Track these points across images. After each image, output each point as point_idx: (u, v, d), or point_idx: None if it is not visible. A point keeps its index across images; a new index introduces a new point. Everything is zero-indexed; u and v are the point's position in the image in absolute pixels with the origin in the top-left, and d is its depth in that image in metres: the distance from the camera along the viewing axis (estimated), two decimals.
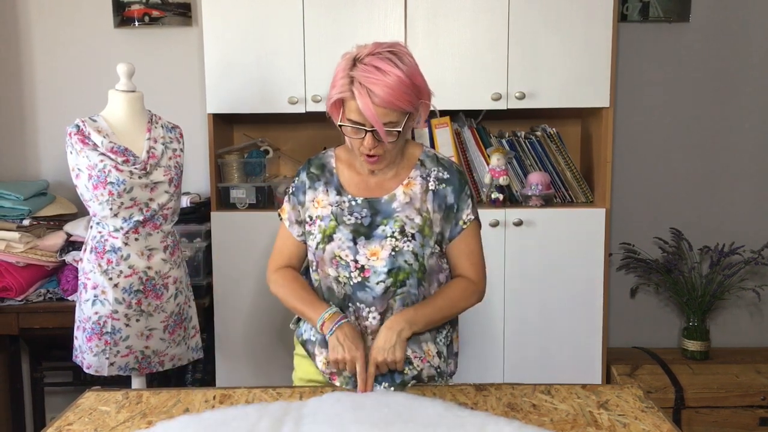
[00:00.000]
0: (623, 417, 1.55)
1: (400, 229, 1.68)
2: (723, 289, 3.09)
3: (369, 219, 1.70)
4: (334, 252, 1.70)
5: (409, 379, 1.72)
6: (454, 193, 1.75)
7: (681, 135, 3.21)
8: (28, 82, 3.16)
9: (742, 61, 3.16)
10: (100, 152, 2.26)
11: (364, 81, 1.57)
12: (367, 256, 1.68)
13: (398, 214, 1.70)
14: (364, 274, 1.69)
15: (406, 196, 1.72)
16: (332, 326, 1.67)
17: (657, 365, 2.99)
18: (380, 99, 1.57)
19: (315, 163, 1.81)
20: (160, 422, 1.53)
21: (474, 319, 2.82)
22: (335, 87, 1.62)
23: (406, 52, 1.65)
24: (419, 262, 1.69)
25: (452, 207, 1.74)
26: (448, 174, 1.76)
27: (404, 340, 1.65)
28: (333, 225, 1.71)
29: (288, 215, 1.81)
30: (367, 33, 2.73)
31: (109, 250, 2.30)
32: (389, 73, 1.57)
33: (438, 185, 1.74)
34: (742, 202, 3.24)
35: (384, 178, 1.75)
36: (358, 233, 1.69)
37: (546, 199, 2.85)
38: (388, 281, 1.68)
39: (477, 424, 1.46)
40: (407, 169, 1.76)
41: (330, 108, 1.67)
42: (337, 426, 1.46)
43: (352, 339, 1.65)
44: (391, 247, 1.68)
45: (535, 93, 2.76)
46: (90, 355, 2.33)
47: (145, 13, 3.07)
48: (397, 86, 1.57)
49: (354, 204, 1.72)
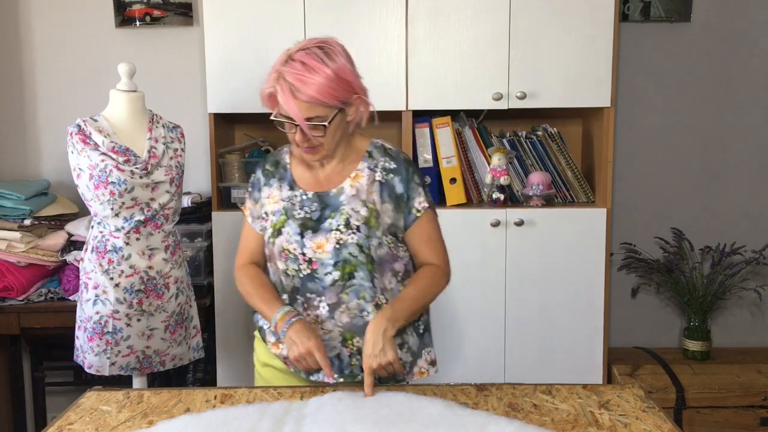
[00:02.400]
0: (624, 417, 1.55)
1: (345, 222, 1.71)
2: (724, 289, 3.08)
3: (318, 213, 1.74)
4: (283, 246, 1.74)
5: (359, 371, 1.73)
6: (403, 183, 1.77)
7: (682, 135, 3.21)
8: (29, 82, 3.16)
9: (744, 60, 3.16)
10: (102, 152, 2.26)
11: (288, 77, 1.61)
12: (313, 249, 1.72)
13: (344, 206, 1.73)
14: (312, 267, 1.72)
15: (353, 189, 1.75)
16: (284, 327, 1.70)
17: (658, 365, 2.99)
18: (303, 94, 1.60)
19: (270, 159, 1.86)
20: (161, 422, 1.53)
21: (475, 319, 2.82)
22: (267, 81, 1.67)
23: (337, 49, 1.67)
24: (365, 254, 1.71)
25: (402, 196, 1.76)
26: (395, 164, 1.78)
27: (390, 339, 1.65)
28: (283, 219, 1.75)
29: (250, 211, 1.86)
30: (368, 33, 2.73)
31: (111, 250, 2.30)
32: (314, 69, 1.60)
33: (385, 176, 1.76)
34: (744, 202, 3.23)
35: (333, 172, 1.78)
36: (305, 227, 1.73)
37: (547, 199, 2.85)
38: (335, 273, 1.71)
39: (478, 424, 1.46)
40: (355, 162, 1.78)
41: (265, 101, 1.70)
42: (338, 426, 1.46)
43: (303, 332, 1.67)
44: (335, 240, 1.71)
45: (537, 93, 2.76)
46: (91, 354, 2.33)
47: (146, 13, 3.07)
48: (320, 81, 1.60)
49: (305, 198, 1.76)
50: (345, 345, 1.75)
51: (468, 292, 2.81)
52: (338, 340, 1.75)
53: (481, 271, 2.80)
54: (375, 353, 1.63)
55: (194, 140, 3.06)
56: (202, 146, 3.12)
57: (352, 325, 1.73)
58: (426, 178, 2.85)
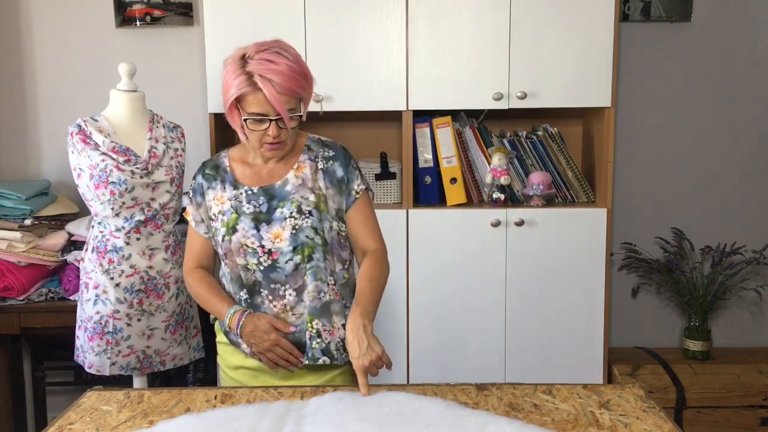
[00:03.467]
0: (624, 417, 1.55)
1: (297, 209, 1.78)
2: (724, 289, 3.08)
3: (266, 205, 1.80)
4: (240, 241, 1.79)
5: (319, 354, 1.78)
6: (342, 167, 1.85)
7: (682, 134, 3.21)
8: (30, 82, 3.16)
9: (744, 60, 3.16)
10: (102, 152, 2.26)
11: (263, 73, 1.67)
12: (271, 239, 1.78)
13: (293, 195, 1.80)
14: (273, 257, 1.78)
15: (298, 179, 1.82)
16: (237, 329, 1.78)
17: (658, 365, 2.99)
18: (281, 86, 1.68)
19: (209, 165, 1.91)
20: (161, 422, 1.53)
21: (475, 319, 2.82)
22: (232, 86, 1.71)
23: (288, 46, 1.76)
24: (320, 236, 1.79)
25: (343, 179, 1.85)
26: (334, 152, 1.88)
27: (372, 335, 1.69)
28: (235, 217, 1.80)
29: (192, 216, 1.90)
30: (368, 33, 2.73)
31: (111, 250, 2.30)
32: (282, 64, 1.68)
33: (326, 163, 1.85)
34: (744, 202, 3.23)
35: (275, 167, 1.84)
36: (258, 220, 1.79)
37: (547, 199, 2.85)
38: (296, 258, 1.77)
39: (478, 424, 1.46)
40: (296, 155, 1.86)
41: (228, 111, 1.76)
42: (339, 425, 1.46)
43: (259, 329, 1.75)
44: (291, 226, 1.77)
45: (537, 93, 2.76)
46: (91, 354, 2.33)
47: (146, 13, 3.07)
48: (291, 74, 1.69)
49: (250, 194, 1.82)
50: (306, 328, 1.79)
51: (468, 292, 2.81)
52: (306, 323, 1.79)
53: (481, 271, 2.80)
54: (363, 352, 1.66)
55: (194, 140, 3.06)
56: (202, 146, 3.11)
57: (313, 308, 1.79)
58: (426, 178, 2.86)
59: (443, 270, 2.79)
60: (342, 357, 1.81)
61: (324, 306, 1.79)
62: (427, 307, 2.83)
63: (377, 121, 3.02)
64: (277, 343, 1.76)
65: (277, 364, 1.78)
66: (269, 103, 1.68)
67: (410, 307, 2.83)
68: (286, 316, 1.80)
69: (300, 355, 1.78)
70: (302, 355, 1.78)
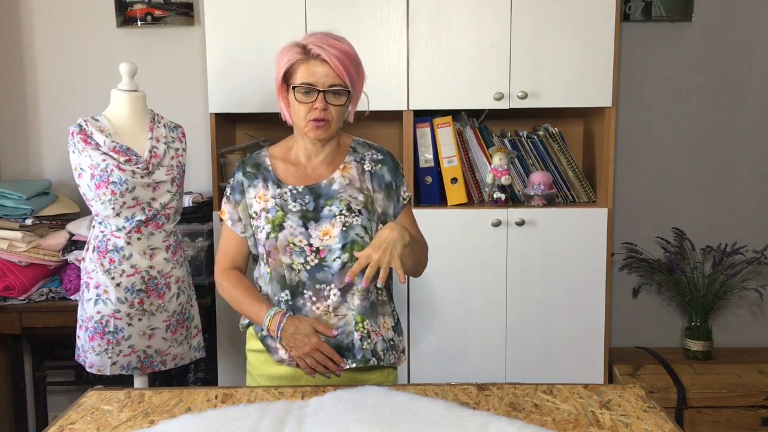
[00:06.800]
0: (625, 417, 1.55)
1: (347, 207, 1.76)
2: (725, 289, 3.08)
3: (313, 204, 1.77)
4: (288, 239, 1.75)
5: (369, 355, 1.76)
6: (390, 172, 1.84)
7: (683, 134, 3.21)
8: (31, 82, 3.16)
9: (745, 60, 3.16)
10: (103, 151, 2.26)
11: (320, 43, 1.69)
12: (320, 237, 1.74)
13: (341, 194, 1.78)
14: (320, 255, 1.74)
15: (345, 179, 1.81)
16: (277, 332, 1.72)
17: (659, 365, 2.99)
18: (336, 57, 1.69)
19: (249, 162, 1.87)
20: (162, 421, 1.53)
21: (476, 319, 2.82)
22: (284, 58, 1.73)
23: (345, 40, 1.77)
24: (369, 235, 1.76)
25: (391, 184, 1.84)
26: (382, 155, 1.87)
27: (404, 247, 1.66)
28: (281, 215, 1.76)
29: (229, 215, 1.85)
30: (369, 33, 2.73)
31: (112, 250, 2.30)
32: (339, 45, 1.71)
33: (374, 166, 1.84)
34: (745, 202, 3.23)
35: (320, 166, 1.83)
36: (306, 218, 1.76)
37: (548, 199, 2.84)
38: (344, 256, 1.74)
39: (479, 424, 1.46)
40: (341, 156, 1.85)
41: (277, 90, 1.77)
42: (339, 425, 1.46)
43: (300, 332, 1.70)
44: (341, 224, 1.74)
45: (538, 92, 2.75)
46: (92, 354, 2.33)
47: (147, 13, 3.07)
48: (345, 56, 1.71)
49: (296, 192, 1.79)
50: (356, 328, 1.76)
51: (469, 292, 2.81)
52: (352, 324, 1.76)
53: (482, 271, 2.80)
54: (383, 246, 1.65)
55: (195, 140, 3.06)
56: (203, 146, 3.11)
57: (362, 308, 1.76)
58: (427, 178, 2.86)
59: (444, 270, 2.79)
60: (388, 358, 1.79)
61: (372, 306, 1.77)
62: (428, 307, 2.83)
63: (378, 121, 3.02)
64: (317, 348, 1.69)
65: (314, 370, 1.72)
66: (320, 74, 1.69)
67: (411, 307, 2.83)
68: (329, 318, 1.75)
69: (341, 360, 1.72)
70: (343, 360, 1.73)
